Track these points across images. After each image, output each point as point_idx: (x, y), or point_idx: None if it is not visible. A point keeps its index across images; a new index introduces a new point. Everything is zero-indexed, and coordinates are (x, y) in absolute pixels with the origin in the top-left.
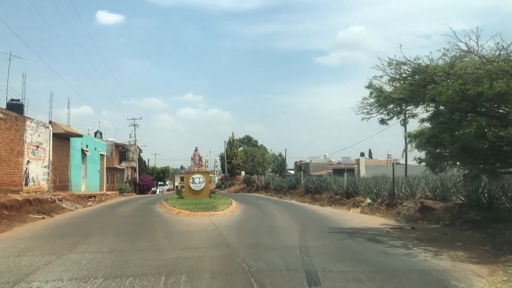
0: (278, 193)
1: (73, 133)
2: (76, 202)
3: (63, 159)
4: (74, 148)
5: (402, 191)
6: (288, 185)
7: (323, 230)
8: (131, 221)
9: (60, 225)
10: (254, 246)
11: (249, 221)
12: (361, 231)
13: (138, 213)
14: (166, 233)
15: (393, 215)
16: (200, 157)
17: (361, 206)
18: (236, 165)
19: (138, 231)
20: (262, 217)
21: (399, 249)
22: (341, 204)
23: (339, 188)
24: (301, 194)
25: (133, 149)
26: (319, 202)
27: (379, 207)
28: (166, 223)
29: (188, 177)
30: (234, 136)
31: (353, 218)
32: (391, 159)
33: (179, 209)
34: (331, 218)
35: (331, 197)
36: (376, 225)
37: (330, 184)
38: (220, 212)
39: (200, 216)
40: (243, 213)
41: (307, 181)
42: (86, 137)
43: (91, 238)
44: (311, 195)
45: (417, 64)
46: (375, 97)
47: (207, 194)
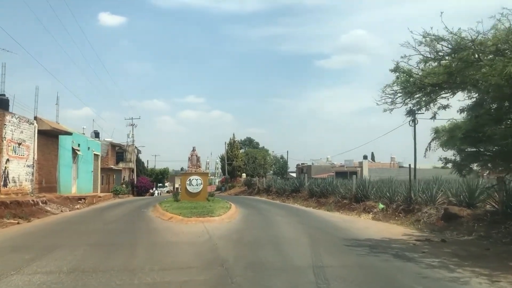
0: (280, 197)
1: (61, 130)
2: (63, 204)
3: (50, 158)
4: (63, 147)
5: (420, 195)
6: (291, 188)
7: (337, 243)
8: (113, 229)
9: (31, 232)
10: (254, 266)
11: (249, 230)
12: (383, 244)
13: (125, 218)
14: (149, 246)
15: (412, 222)
16: (198, 157)
17: (372, 211)
18: (237, 167)
19: (116, 242)
20: (264, 225)
21: (439, 270)
22: (350, 209)
23: (347, 191)
24: (305, 197)
25: (130, 150)
26: (325, 206)
27: (394, 213)
28: (152, 231)
29: (185, 178)
30: (235, 138)
31: (367, 226)
32: (394, 162)
33: (171, 214)
34: (342, 226)
35: (338, 201)
36: (397, 235)
37: (337, 188)
38: (216, 218)
39: (194, 222)
40: (242, 219)
41: (311, 184)
42: (78, 135)
43: (55, 252)
44: (316, 199)
45: (460, 38)
46: (402, 83)
47: (205, 197)
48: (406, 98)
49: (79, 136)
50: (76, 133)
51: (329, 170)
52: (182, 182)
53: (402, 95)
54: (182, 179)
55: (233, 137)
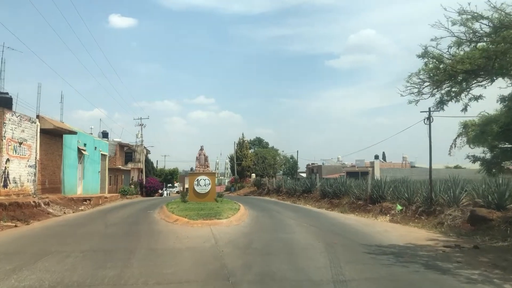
0: (291, 197)
1: (65, 129)
2: (67, 206)
3: (54, 158)
4: (68, 146)
5: (442, 196)
6: (302, 188)
7: (357, 250)
8: (113, 232)
9: (25, 236)
10: (265, 279)
11: (259, 234)
12: (409, 251)
13: (129, 221)
14: (147, 253)
15: (434, 225)
16: (206, 157)
17: (390, 213)
18: (246, 167)
19: (112, 249)
20: (275, 228)
21: (483, 286)
22: (365, 211)
23: (362, 192)
24: (317, 198)
25: (139, 150)
26: (339, 208)
27: (414, 215)
28: (155, 236)
29: (193, 179)
30: (245, 138)
31: (386, 229)
32: (406, 162)
33: (177, 216)
34: (360, 229)
35: (352, 202)
36: (421, 240)
37: (351, 188)
38: (224, 221)
39: (200, 225)
40: (252, 222)
41: (323, 184)
42: (84, 135)
43: (42, 260)
44: (329, 200)
45: (504, 15)
46: (430, 71)
47: (213, 198)
48: (434, 88)
49: (85, 136)
50: (82, 133)
51: (340, 170)
52: (190, 183)
53: (430, 84)
54: (189, 180)
55: (243, 136)
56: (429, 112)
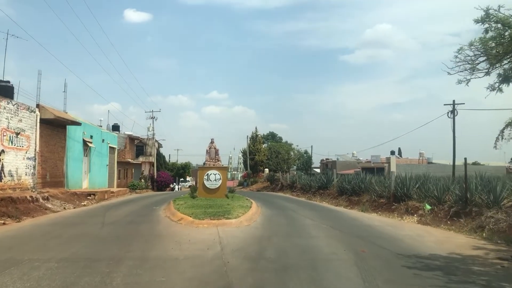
0: (305, 194)
1: (67, 119)
2: (69, 201)
3: (56, 150)
4: (72, 138)
5: (480, 195)
6: (318, 184)
7: (393, 262)
8: (107, 234)
9: (7, 237)
10: None
11: (272, 239)
12: (459, 265)
13: (130, 219)
14: (136, 264)
15: (473, 229)
16: (217, 150)
17: (417, 213)
18: (259, 161)
19: (97, 257)
20: (291, 231)
21: None
22: (389, 211)
23: (384, 189)
24: (334, 195)
25: (151, 143)
26: (359, 206)
27: (446, 216)
28: (152, 239)
29: (202, 173)
30: (258, 132)
31: (419, 233)
32: (423, 158)
33: (182, 214)
34: (388, 232)
35: (373, 200)
36: (466, 249)
37: (372, 185)
38: (233, 221)
39: (206, 226)
40: (264, 222)
41: (341, 180)
42: (91, 126)
43: (5, 273)
44: (347, 197)
45: None
46: (493, 39)
47: (224, 194)
48: (494, 63)
49: (91, 127)
50: (88, 124)
51: (355, 166)
52: (199, 177)
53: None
54: (199, 174)
55: (256, 130)
56: (453, 105)
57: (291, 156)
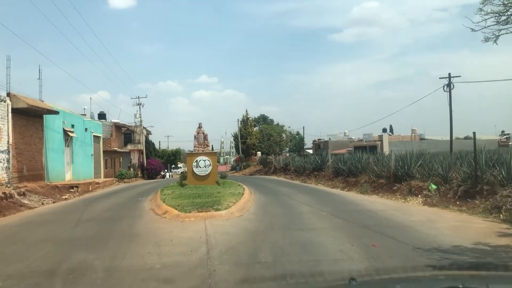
0: (299, 176)
1: (42, 108)
2: (48, 195)
3: (33, 142)
4: (51, 128)
5: (492, 172)
6: (312, 166)
7: (413, 258)
8: (78, 236)
9: None
10: None
11: (267, 233)
12: (494, 261)
13: (109, 214)
14: (103, 276)
15: (487, 210)
16: (205, 135)
17: (421, 194)
18: (251, 145)
19: (54, 270)
20: (288, 221)
21: None
22: (390, 192)
23: (383, 169)
24: (329, 177)
25: (139, 131)
26: (357, 188)
27: (454, 196)
28: (129, 240)
29: (191, 160)
30: (249, 115)
31: (430, 218)
32: (416, 134)
33: (167, 207)
34: (395, 219)
35: (372, 181)
36: (491, 236)
37: (370, 165)
38: (223, 212)
39: (193, 219)
40: (258, 212)
41: (336, 161)
42: (71, 115)
43: None
44: (343, 179)
45: None
46: None
47: (214, 180)
48: None
49: (72, 116)
50: (68, 113)
51: (347, 145)
52: (188, 164)
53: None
54: (187, 161)
55: (246, 113)
56: (449, 79)
57: (283, 138)
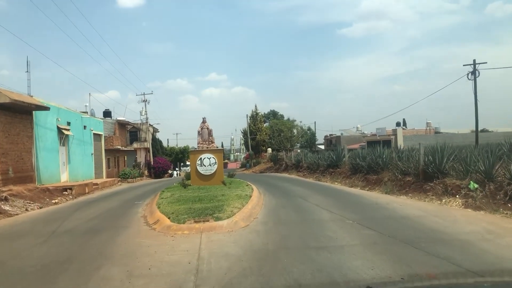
0: (313, 173)
1: (29, 103)
2: (36, 199)
3: (20, 141)
4: (43, 126)
5: None
6: (327, 162)
7: None
8: (39, 257)
9: None
10: None
11: (280, 256)
12: None
13: (93, 223)
14: None
15: None
16: (210, 130)
17: (460, 194)
18: (261, 141)
19: None
20: (306, 235)
21: None
22: (420, 191)
23: (409, 165)
24: (346, 174)
25: (145, 128)
26: (380, 187)
27: (504, 197)
28: (94, 266)
29: (195, 158)
30: (258, 110)
31: (489, 230)
32: (431, 128)
33: (160, 214)
34: (441, 229)
35: (398, 179)
36: None
37: (393, 160)
38: (225, 223)
39: (186, 232)
40: (268, 221)
41: (353, 156)
42: (67, 112)
43: None
44: (363, 176)
45: None
46: None
47: (220, 180)
48: None
49: (68, 113)
50: (64, 109)
51: (360, 140)
52: (192, 163)
53: None
54: (191, 159)
55: (256, 109)
56: (474, 65)
57: (294, 133)
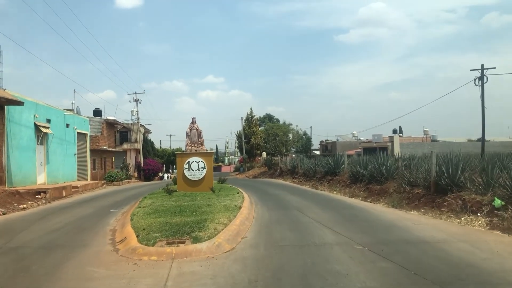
0: (309, 180)
1: None
2: (2, 204)
3: None
4: (17, 122)
5: None
6: (324, 169)
7: None
8: None
9: None
10: None
11: None
12: None
13: (49, 238)
14: None
15: None
16: (200, 132)
17: (482, 212)
18: (256, 145)
19: None
20: (307, 267)
21: None
22: (433, 206)
23: (417, 175)
24: (346, 183)
25: (136, 129)
26: (385, 199)
27: None
28: None
29: (182, 161)
30: (253, 113)
31: None
32: (427, 136)
33: (130, 229)
34: (483, 266)
35: (405, 191)
36: None
37: (399, 169)
38: (204, 245)
39: (154, 259)
40: (258, 243)
41: (353, 163)
42: (47, 108)
43: None
44: (364, 186)
45: None
46: None
47: (209, 187)
48: None
49: (48, 109)
50: (43, 105)
51: (356, 147)
52: (178, 167)
53: None
54: (177, 162)
55: (251, 111)
56: (481, 70)
57: (290, 138)
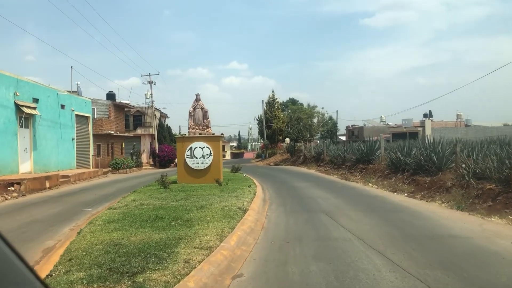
0: (337, 169)
1: None
2: None
3: None
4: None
5: None
6: (356, 156)
7: None
8: None
9: None
10: None
11: None
12: None
13: None
14: None
15: None
16: (205, 111)
17: None
18: (278, 130)
19: None
20: None
21: None
22: (507, 205)
23: (486, 167)
24: (383, 173)
25: (150, 113)
26: (441, 195)
27: None
28: None
29: (183, 146)
30: (275, 96)
31: None
32: (461, 120)
33: (56, 257)
34: None
35: (468, 185)
36: None
37: (457, 157)
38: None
39: None
40: None
41: (393, 149)
42: (34, 85)
43: None
44: (409, 177)
45: None
46: None
47: (214, 178)
48: None
49: (36, 87)
50: (27, 82)
51: (384, 131)
52: (179, 153)
53: None
54: (178, 148)
55: (273, 94)
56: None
57: (314, 123)
